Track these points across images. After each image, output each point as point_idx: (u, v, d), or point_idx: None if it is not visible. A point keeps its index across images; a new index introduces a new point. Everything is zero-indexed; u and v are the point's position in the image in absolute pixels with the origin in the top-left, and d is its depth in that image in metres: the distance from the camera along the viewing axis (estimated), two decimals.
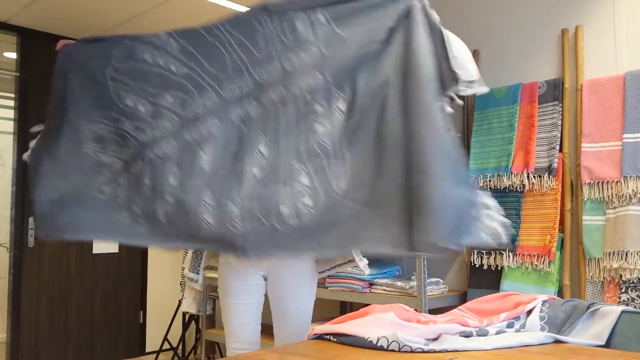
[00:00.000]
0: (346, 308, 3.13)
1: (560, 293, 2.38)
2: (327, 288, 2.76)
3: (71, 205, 1.87)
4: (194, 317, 4.04)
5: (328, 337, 1.42)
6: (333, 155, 1.63)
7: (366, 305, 1.71)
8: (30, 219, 3.86)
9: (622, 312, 1.38)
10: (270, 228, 1.62)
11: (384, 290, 2.60)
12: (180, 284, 4.04)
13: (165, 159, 1.74)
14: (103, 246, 4.22)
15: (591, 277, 2.31)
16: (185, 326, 4.11)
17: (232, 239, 1.66)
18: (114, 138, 1.83)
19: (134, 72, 1.81)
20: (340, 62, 1.64)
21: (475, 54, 2.82)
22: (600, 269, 2.28)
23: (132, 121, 1.79)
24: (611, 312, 1.39)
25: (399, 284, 2.54)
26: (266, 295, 2.04)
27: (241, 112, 1.70)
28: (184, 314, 4.08)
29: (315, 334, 1.47)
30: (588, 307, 1.45)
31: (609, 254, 2.23)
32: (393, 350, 1.28)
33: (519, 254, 2.47)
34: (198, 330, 4.06)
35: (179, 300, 4.02)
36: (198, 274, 1.97)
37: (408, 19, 1.64)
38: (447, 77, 1.64)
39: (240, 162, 1.68)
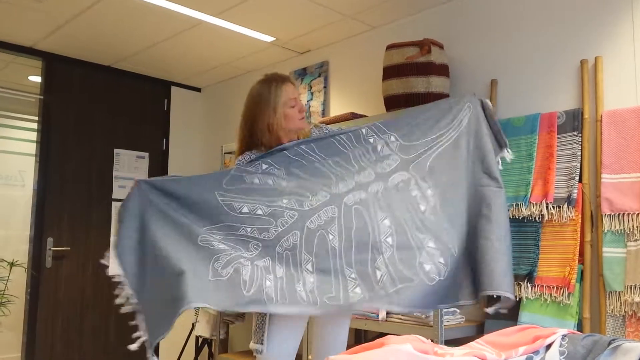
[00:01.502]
0: (361, 336, 3.09)
1: (579, 326, 2.33)
2: None
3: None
4: (207, 341, 4.03)
5: None
6: (442, 227, 2.01)
7: (381, 333, 1.73)
8: (49, 239, 3.91)
9: None
10: (419, 284, 1.91)
11: (400, 319, 2.57)
12: (194, 307, 4.03)
13: (295, 250, 1.90)
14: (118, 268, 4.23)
15: (612, 311, 2.26)
16: (198, 350, 4.09)
17: (383, 298, 1.89)
18: (231, 245, 1.89)
19: (245, 190, 1.96)
20: (414, 162, 2.07)
21: (494, 83, 2.82)
22: (621, 303, 2.23)
23: (252, 225, 1.91)
24: (634, 348, 1.36)
25: (415, 313, 2.51)
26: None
27: (353, 198, 1.99)
28: (197, 337, 4.06)
29: None
30: (609, 343, 1.41)
31: (631, 287, 2.19)
32: None
33: (538, 285, 2.43)
34: (211, 355, 4.03)
35: (192, 324, 4.01)
36: (262, 343, 2.03)
37: (471, 110, 2.13)
38: (499, 145, 2.14)
39: (372, 235, 1.95)
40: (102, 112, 4.27)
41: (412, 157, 2.08)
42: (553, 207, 2.44)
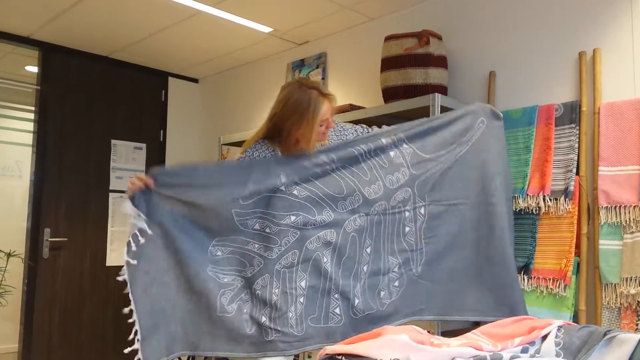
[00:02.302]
0: None
1: (575, 318, 2.34)
2: None
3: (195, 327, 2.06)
4: None
5: (340, 357, 1.41)
6: (415, 248, 2.20)
7: None
8: (46, 230, 3.90)
9: None
10: (376, 310, 2.13)
11: None
12: None
13: (292, 267, 2.06)
14: (116, 258, 4.24)
15: (607, 303, 2.27)
16: None
17: (355, 327, 2.07)
18: (238, 258, 2.08)
19: (260, 203, 2.07)
20: (422, 177, 2.20)
21: (492, 75, 2.82)
22: (617, 295, 2.24)
23: (260, 242, 2.07)
24: (629, 339, 1.37)
25: None
26: None
27: (352, 224, 2.13)
28: None
29: (326, 354, 1.45)
30: (605, 334, 1.42)
31: (626, 280, 2.20)
32: None
33: (534, 277, 2.44)
34: None
35: None
36: None
37: (484, 125, 2.28)
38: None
39: (357, 264, 2.13)
40: (99, 102, 4.25)
41: (420, 174, 2.21)
42: (550, 200, 2.44)
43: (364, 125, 2.36)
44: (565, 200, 2.40)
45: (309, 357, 2.83)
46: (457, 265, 2.22)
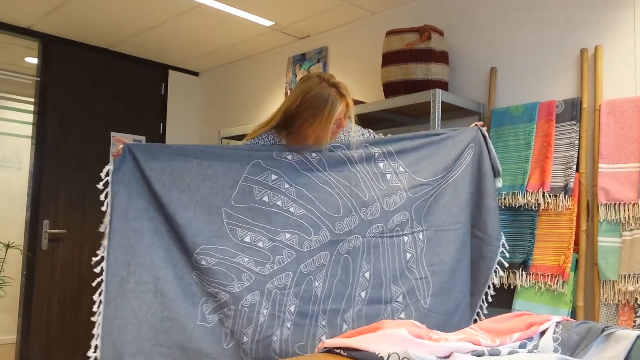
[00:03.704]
0: None
1: (573, 314, 2.35)
2: None
3: (171, 332, 1.84)
4: None
5: (338, 351, 1.41)
6: (418, 277, 2.14)
7: None
8: (45, 222, 3.90)
9: (638, 337, 1.36)
10: None
11: None
12: None
13: (284, 290, 1.94)
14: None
15: (605, 300, 2.28)
16: None
17: None
18: (224, 271, 1.88)
19: (253, 212, 1.94)
20: (419, 201, 2.18)
21: (493, 71, 2.82)
22: (615, 292, 2.25)
23: (250, 257, 1.91)
24: (627, 336, 1.37)
25: None
26: None
27: (347, 246, 2.05)
28: None
29: (325, 347, 1.46)
30: (603, 330, 1.42)
31: (625, 277, 2.20)
32: None
33: (532, 274, 2.45)
34: None
35: None
36: None
37: (474, 142, 2.32)
38: (494, 172, 2.34)
39: (350, 288, 2.03)
40: (99, 94, 4.24)
41: (417, 197, 2.18)
42: (549, 196, 2.44)
43: (371, 130, 2.34)
44: (564, 197, 2.40)
45: None
46: (461, 294, 2.23)
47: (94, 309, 1.81)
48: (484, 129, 2.39)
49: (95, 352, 1.79)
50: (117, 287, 1.80)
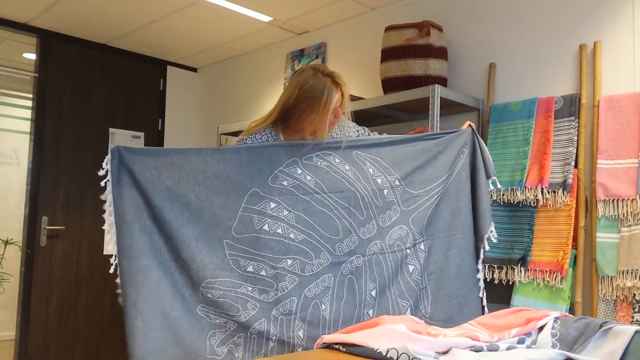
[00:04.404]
0: None
1: (571, 310, 2.35)
2: None
3: None
4: None
5: (337, 346, 1.42)
6: (422, 287, 2.14)
7: None
8: (44, 218, 3.90)
9: (636, 332, 1.36)
10: None
11: None
12: None
13: (290, 315, 1.92)
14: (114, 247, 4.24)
15: (604, 295, 2.28)
16: None
17: None
18: (229, 302, 1.87)
19: (254, 242, 1.93)
20: (415, 213, 2.16)
21: (492, 66, 2.81)
22: (613, 287, 2.25)
23: (254, 285, 1.91)
24: (624, 331, 1.37)
25: None
26: None
27: (349, 266, 2.03)
28: None
29: (324, 343, 1.46)
30: (601, 326, 1.43)
31: (623, 273, 2.21)
32: None
33: (531, 270, 2.45)
34: None
35: None
36: None
37: (467, 145, 2.31)
38: (487, 174, 2.30)
39: (358, 308, 2.02)
40: (97, 90, 4.24)
41: (411, 209, 2.17)
42: (548, 192, 2.44)
43: (366, 128, 2.33)
44: (563, 193, 2.40)
45: None
46: (463, 299, 2.21)
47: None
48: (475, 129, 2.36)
49: None
50: (130, 324, 1.81)
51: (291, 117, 2.03)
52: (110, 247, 1.88)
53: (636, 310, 2.18)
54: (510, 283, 2.52)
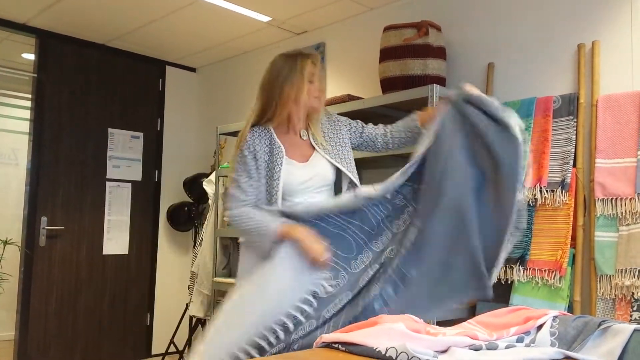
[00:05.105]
0: None
1: (570, 309, 2.36)
2: None
3: None
4: (201, 321, 4.05)
5: (336, 345, 1.42)
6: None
7: None
8: (43, 218, 3.90)
9: (635, 330, 1.37)
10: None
11: None
12: (188, 288, 4.05)
13: (304, 337, 1.87)
14: (113, 247, 4.25)
15: (602, 294, 2.29)
16: (192, 330, 4.12)
17: None
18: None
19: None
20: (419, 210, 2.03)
21: (491, 66, 2.82)
22: (611, 286, 2.26)
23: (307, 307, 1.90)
24: (623, 330, 1.38)
25: None
26: None
27: (366, 277, 1.95)
28: (191, 317, 4.08)
29: (323, 342, 1.46)
30: (599, 324, 1.43)
31: (621, 271, 2.21)
32: None
33: (530, 269, 2.45)
34: None
35: (187, 304, 4.03)
36: None
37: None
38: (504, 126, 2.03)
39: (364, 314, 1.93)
40: (96, 91, 4.24)
41: (419, 204, 2.04)
42: (546, 191, 2.45)
43: (359, 121, 2.29)
44: (561, 192, 2.41)
45: None
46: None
47: None
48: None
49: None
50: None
51: (274, 103, 2.06)
52: None
53: (635, 308, 2.19)
54: (509, 282, 2.52)
